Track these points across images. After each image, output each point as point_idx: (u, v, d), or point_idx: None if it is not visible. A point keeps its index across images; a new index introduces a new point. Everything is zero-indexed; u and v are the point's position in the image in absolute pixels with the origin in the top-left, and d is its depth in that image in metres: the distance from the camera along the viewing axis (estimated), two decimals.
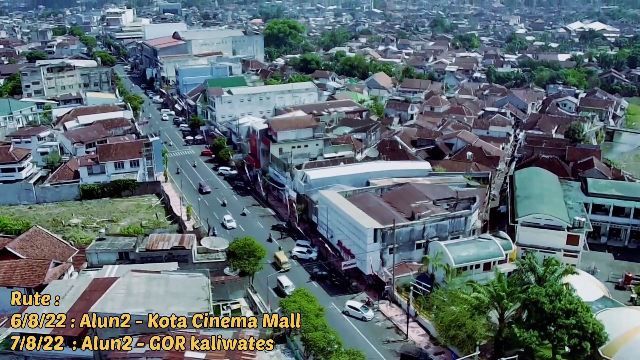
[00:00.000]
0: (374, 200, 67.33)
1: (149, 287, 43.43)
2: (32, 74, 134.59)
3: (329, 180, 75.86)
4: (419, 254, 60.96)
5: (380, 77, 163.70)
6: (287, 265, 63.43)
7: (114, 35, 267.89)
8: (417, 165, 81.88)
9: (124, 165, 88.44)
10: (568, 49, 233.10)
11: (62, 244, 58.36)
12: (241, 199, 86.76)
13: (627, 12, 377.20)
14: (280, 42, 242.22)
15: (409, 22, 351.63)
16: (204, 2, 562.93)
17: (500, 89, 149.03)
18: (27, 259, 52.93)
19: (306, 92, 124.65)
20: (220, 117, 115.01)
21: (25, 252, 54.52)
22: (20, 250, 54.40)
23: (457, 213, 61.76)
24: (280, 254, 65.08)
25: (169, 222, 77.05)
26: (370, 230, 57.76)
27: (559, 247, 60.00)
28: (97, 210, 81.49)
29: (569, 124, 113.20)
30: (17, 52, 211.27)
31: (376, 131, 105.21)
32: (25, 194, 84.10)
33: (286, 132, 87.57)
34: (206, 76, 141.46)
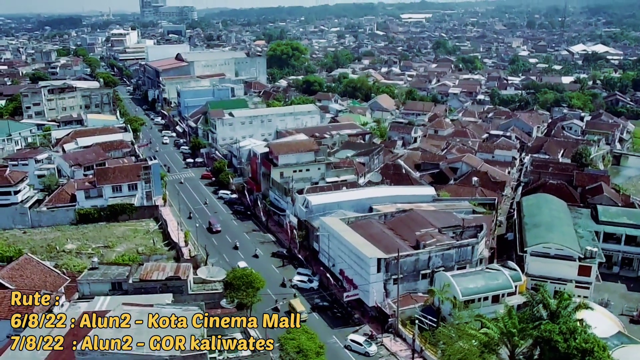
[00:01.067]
0: (377, 227, 65.18)
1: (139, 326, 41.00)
2: (33, 95, 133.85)
3: (331, 205, 73.81)
4: (424, 284, 58.58)
5: (383, 99, 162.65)
6: (304, 315, 55.83)
7: (117, 56, 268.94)
8: (422, 190, 79.89)
9: (122, 188, 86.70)
10: (572, 72, 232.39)
11: (54, 272, 56.17)
12: (241, 224, 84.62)
13: (630, 34, 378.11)
14: (283, 63, 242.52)
15: (411, 44, 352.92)
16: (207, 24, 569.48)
17: (504, 112, 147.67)
18: (15, 290, 50.76)
19: (308, 114, 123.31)
20: (221, 140, 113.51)
21: (14, 282, 52.41)
22: (9, 280, 52.28)
23: (464, 242, 59.53)
24: (296, 302, 57.83)
25: (165, 249, 74.93)
26: (373, 260, 55.51)
27: (570, 278, 57.57)
28: (93, 235, 79.51)
29: (575, 148, 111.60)
30: (20, 73, 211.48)
31: (379, 155, 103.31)
32: (20, 218, 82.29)
33: (287, 156, 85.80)
34: (208, 98, 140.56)
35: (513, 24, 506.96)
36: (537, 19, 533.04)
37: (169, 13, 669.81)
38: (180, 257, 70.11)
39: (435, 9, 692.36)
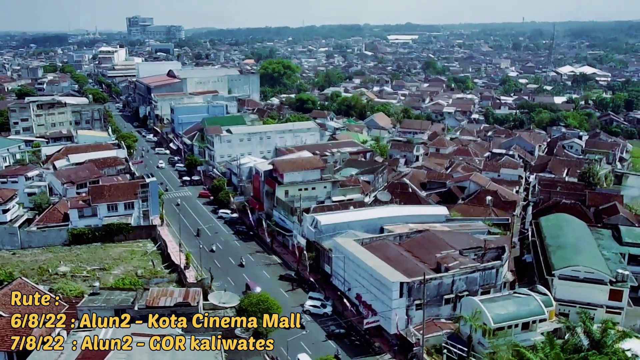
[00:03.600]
0: (393, 249, 61.88)
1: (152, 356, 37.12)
2: (21, 111, 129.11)
3: (341, 225, 70.40)
4: (447, 310, 55.26)
5: (379, 118, 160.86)
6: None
7: (105, 73, 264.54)
8: (434, 210, 76.99)
9: (118, 207, 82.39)
10: (562, 92, 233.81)
11: (50, 298, 51.73)
12: (244, 245, 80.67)
13: (614, 57, 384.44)
14: (275, 81, 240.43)
15: (400, 64, 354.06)
16: (195, 43, 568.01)
17: (504, 131, 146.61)
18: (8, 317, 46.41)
19: (308, 131, 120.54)
20: (219, 157, 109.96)
21: (7, 309, 47.97)
22: (2, 307, 47.86)
23: (488, 265, 56.44)
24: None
25: (166, 271, 70.62)
26: (396, 285, 52.10)
27: (600, 303, 54.66)
28: (87, 256, 74.84)
29: (578, 167, 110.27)
30: (6, 89, 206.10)
31: (383, 173, 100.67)
32: (9, 238, 77.43)
33: (292, 174, 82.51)
34: (202, 115, 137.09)
35: (499, 46, 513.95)
36: (522, 41, 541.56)
37: (156, 32, 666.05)
38: (183, 280, 66.04)
39: (421, 31, 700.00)
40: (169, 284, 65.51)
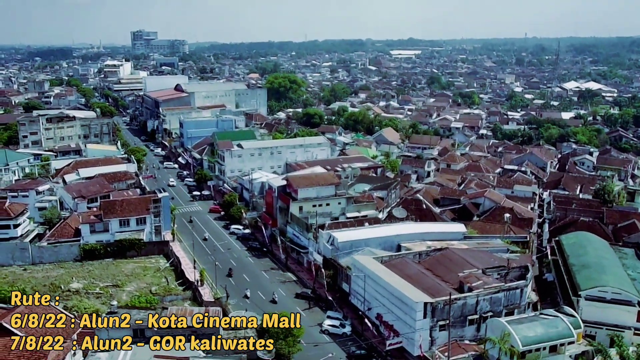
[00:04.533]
0: (413, 267, 60.75)
1: None
2: (31, 124, 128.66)
3: (358, 243, 69.49)
4: (471, 331, 53.99)
5: (388, 133, 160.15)
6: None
7: (112, 86, 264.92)
8: (451, 227, 75.92)
9: (130, 222, 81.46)
10: (569, 108, 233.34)
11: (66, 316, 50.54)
12: (257, 261, 79.55)
13: (618, 72, 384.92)
14: (281, 96, 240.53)
15: (405, 79, 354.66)
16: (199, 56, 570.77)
17: (514, 147, 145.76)
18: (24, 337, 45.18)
19: (318, 146, 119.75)
20: (229, 172, 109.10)
21: (23, 329, 46.76)
22: (18, 327, 46.64)
23: (513, 284, 55.24)
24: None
25: (180, 289, 69.49)
26: (420, 305, 50.92)
27: (628, 325, 53.36)
28: (99, 273, 73.76)
29: (591, 184, 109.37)
30: (13, 102, 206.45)
31: (396, 189, 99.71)
32: (20, 253, 76.48)
33: (307, 190, 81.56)
34: (211, 129, 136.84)
35: (502, 61, 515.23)
36: (525, 56, 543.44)
37: (160, 46, 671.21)
38: (198, 297, 64.88)
39: (423, 46, 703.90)
40: (184, 302, 64.45)
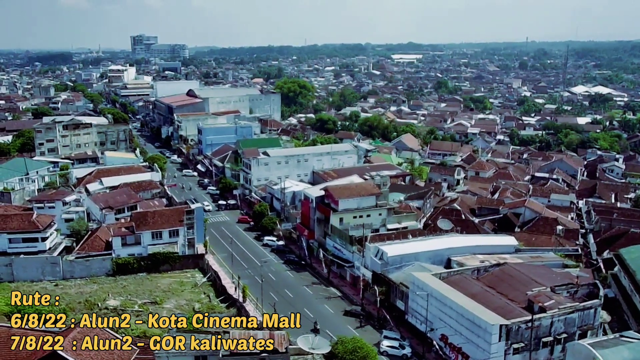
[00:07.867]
0: (474, 285, 57.78)
1: None
2: (47, 131, 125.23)
3: (408, 257, 66.51)
4: (544, 354, 51.02)
5: (407, 139, 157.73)
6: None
7: (118, 92, 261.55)
8: (501, 240, 73.02)
9: (162, 235, 78.21)
10: (582, 112, 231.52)
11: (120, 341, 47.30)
12: (297, 276, 76.42)
13: (623, 77, 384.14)
14: (290, 101, 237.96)
15: (411, 84, 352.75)
16: (200, 61, 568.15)
17: (540, 153, 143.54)
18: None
19: (345, 154, 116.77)
20: (256, 180, 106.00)
21: (79, 356, 43.54)
22: (73, 354, 43.41)
23: (588, 304, 52.35)
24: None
25: (223, 306, 66.34)
26: (496, 327, 47.92)
27: None
28: (134, 288, 70.56)
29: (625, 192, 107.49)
30: (20, 108, 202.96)
31: (430, 198, 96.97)
32: (50, 268, 73.13)
33: (347, 201, 78.50)
34: (230, 135, 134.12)
35: (505, 65, 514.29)
36: (527, 60, 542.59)
37: (160, 50, 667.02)
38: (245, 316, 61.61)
39: (423, 50, 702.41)
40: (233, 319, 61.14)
